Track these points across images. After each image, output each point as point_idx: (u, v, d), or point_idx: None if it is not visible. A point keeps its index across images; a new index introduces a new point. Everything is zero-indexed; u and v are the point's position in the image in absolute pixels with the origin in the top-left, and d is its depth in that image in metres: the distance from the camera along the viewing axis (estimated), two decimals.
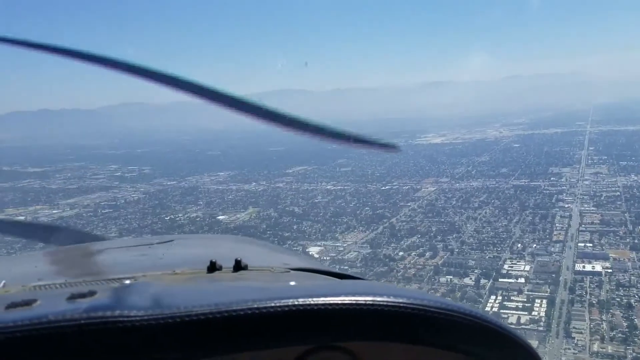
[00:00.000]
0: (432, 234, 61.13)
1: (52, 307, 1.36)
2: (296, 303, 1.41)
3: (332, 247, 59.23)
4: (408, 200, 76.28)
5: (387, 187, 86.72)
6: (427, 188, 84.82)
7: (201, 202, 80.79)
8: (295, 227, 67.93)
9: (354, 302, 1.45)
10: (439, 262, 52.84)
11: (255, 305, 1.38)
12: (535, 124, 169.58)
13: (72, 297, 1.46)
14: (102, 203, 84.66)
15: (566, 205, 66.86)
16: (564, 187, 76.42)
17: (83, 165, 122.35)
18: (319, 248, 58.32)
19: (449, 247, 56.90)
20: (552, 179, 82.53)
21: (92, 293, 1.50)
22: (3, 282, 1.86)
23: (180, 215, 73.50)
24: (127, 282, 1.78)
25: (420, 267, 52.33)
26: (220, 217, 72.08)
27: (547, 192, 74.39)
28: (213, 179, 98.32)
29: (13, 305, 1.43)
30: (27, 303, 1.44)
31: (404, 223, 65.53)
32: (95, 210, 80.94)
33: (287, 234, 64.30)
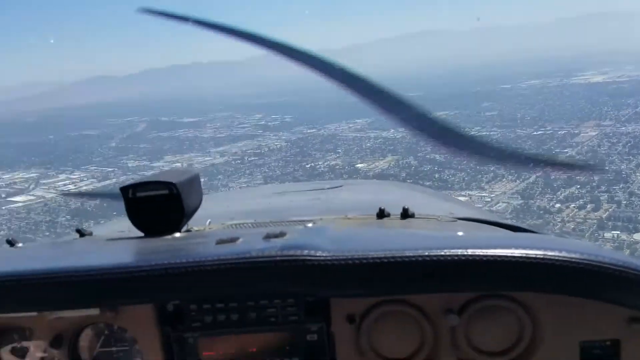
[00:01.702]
0: (593, 185, 54.67)
1: (252, 245, 1.65)
2: (466, 254, 1.51)
3: (478, 197, 55.62)
4: (564, 147, 69.04)
5: (539, 133, 79.31)
6: (587, 133, 75.94)
7: (340, 150, 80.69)
8: (436, 175, 64.88)
9: (524, 255, 1.50)
10: (603, 216, 47.13)
11: (427, 253, 1.50)
12: None
13: (267, 237, 1.72)
14: (248, 151, 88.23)
15: None
16: None
17: (230, 115, 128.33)
18: (464, 198, 55.02)
19: (615, 198, 50.45)
20: None
21: (282, 234, 1.73)
22: (209, 220, 2.32)
23: (320, 163, 74.08)
24: (310, 225, 2.00)
25: (580, 220, 47.17)
26: (359, 165, 71.36)
27: None
28: (351, 127, 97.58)
29: (221, 242, 1.74)
30: (232, 240, 1.73)
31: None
32: (242, 158, 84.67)
33: (428, 183, 61.66)
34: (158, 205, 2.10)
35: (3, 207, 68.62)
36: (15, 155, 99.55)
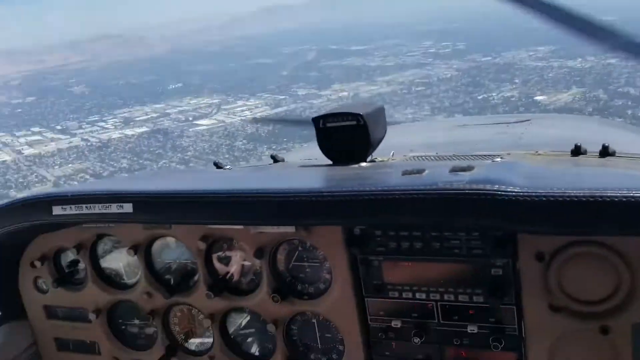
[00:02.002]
0: None
1: (439, 177, 1.66)
2: None
3: None
4: None
5: None
6: None
7: (517, 81, 74.26)
8: (629, 112, 56.79)
9: None
10: None
11: (632, 194, 1.43)
12: None
13: (454, 170, 1.73)
14: (416, 80, 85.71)
15: None
16: None
17: (398, 43, 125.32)
18: None
19: None
20: None
21: (470, 168, 1.72)
22: (392, 152, 2.35)
23: (493, 94, 69.17)
24: (498, 160, 1.99)
25: None
26: (538, 98, 65.16)
27: None
28: (531, 55, 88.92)
29: (407, 173, 1.78)
30: (418, 172, 1.76)
31: None
32: (409, 88, 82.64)
33: (619, 120, 54.40)
34: (346, 136, 2.20)
35: (190, 130, 75.97)
36: (200, 83, 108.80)
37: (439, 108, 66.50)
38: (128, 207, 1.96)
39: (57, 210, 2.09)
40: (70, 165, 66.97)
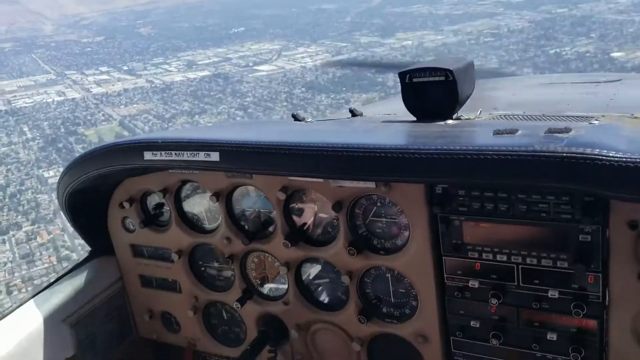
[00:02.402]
0: None
1: (534, 139, 1.61)
2: None
3: None
4: None
5: None
6: None
7: (593, 35, 69.61)
8: None
9: None
10: None
11: None
12: None
13: (550, 132, 1.66)
14: (485, 31, 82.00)
15: None
16: None
17: None
18: None
19: None
20: None
21: (567, 130, 1.65)
22: (480, 109, 2.28)
23: (567, 48, 65.30)
24: (595, 122, 1.91)
25: None
26: (615, 54, 60.98)
27: None
28: (612, 7, 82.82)
29: (499, 132, 1.72)
30: (511, 132, 1.71)
31: None
32: (477, 38, 79.31)
33: None
34: (433, 92, 2.15)
35: (250, 75, 76.36)
36: (262, 27, 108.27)
37: (507, 61, 63.61)
38: (215, 156, 2.04)
39: (148, 155, 2.20)
40: (135, 105, 69.21)
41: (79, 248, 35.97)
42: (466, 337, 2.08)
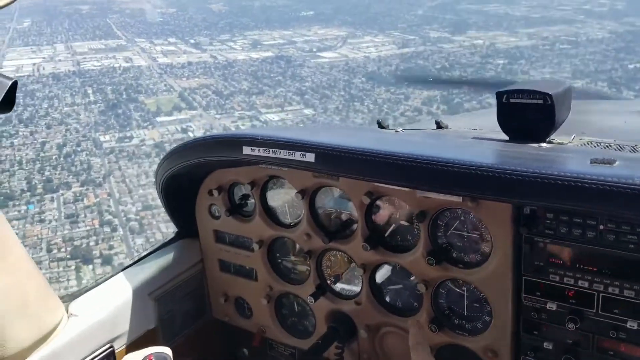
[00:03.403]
0: None
1: (634, 171, 1.61)
2: None
3: None
4: None
5: None
6: None
7: None
8: None
9: None
10: None
11: None
12: None
13: None
14: (562, 37, 78.07)
15: None
16: None
17: None
18: None
19: None
20: None
21: None
22: (574, 135, 2.29)
23: None
24: None
25: None
26: None
27: None
28: None
29: (597, 162, 1.73)
30: (609, 162, 1.71)
31: None
32: (552, 44, 75.56)
33: None
34: (530, 114, 2.18)
35: (312, 61, 75.85)
36: (332, 13, 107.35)
37: (582, 72, 60.26)
38: (310, 157, 2.14)
39: (246, 150, 2.33)
40: (196, 79, 70.15)
41: (122, 214, 37.00)
42: (537, 357, 2.08)
